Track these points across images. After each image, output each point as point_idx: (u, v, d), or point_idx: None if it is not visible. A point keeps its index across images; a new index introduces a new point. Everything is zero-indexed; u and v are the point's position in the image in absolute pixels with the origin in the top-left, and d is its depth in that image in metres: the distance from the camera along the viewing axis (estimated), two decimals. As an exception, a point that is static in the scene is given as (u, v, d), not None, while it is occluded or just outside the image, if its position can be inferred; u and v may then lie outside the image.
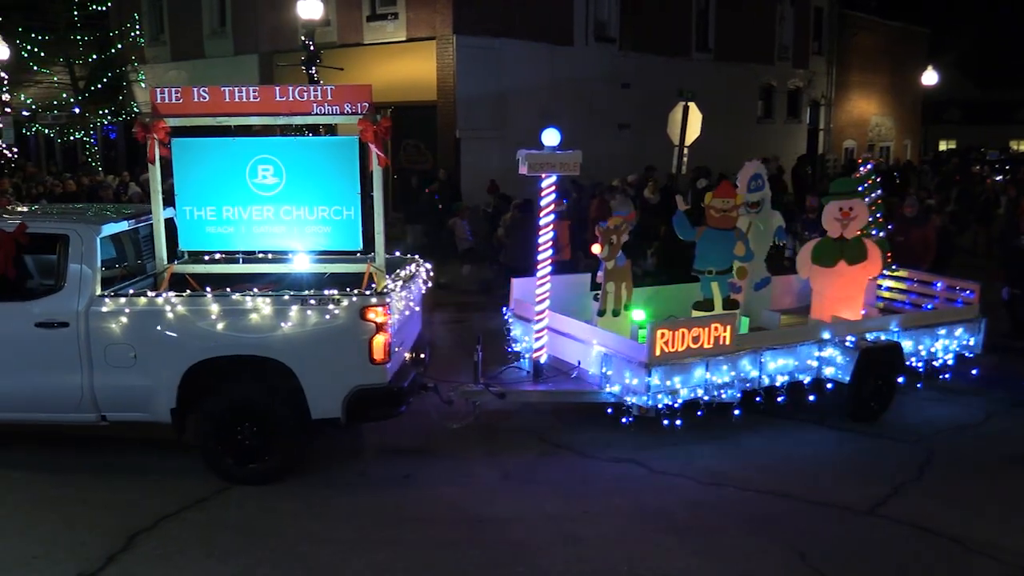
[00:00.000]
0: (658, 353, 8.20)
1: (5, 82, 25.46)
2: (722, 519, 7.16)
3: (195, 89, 7.89)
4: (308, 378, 7.41)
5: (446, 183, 19.20)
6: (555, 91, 23.26)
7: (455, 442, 8.55)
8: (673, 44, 27.27)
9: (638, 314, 9.45)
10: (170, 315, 7.40)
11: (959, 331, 10.13)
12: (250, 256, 8.64)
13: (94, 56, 27.04)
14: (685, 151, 17.50)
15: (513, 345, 9.85)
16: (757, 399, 8.88)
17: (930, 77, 34.80)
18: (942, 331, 10.01)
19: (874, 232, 11.08)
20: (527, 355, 9.38)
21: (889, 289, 11.39)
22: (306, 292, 7.60)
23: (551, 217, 8.88)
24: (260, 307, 7.35)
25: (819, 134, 36.21)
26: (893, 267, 11.43)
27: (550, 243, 8.92)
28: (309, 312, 7.34)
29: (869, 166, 11.72)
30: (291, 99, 7.85)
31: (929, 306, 10.56)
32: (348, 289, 7.67)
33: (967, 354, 10.26)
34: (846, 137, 37.86)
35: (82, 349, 7.49)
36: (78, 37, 26.47)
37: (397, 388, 7.60)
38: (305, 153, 8.01)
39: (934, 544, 6.82)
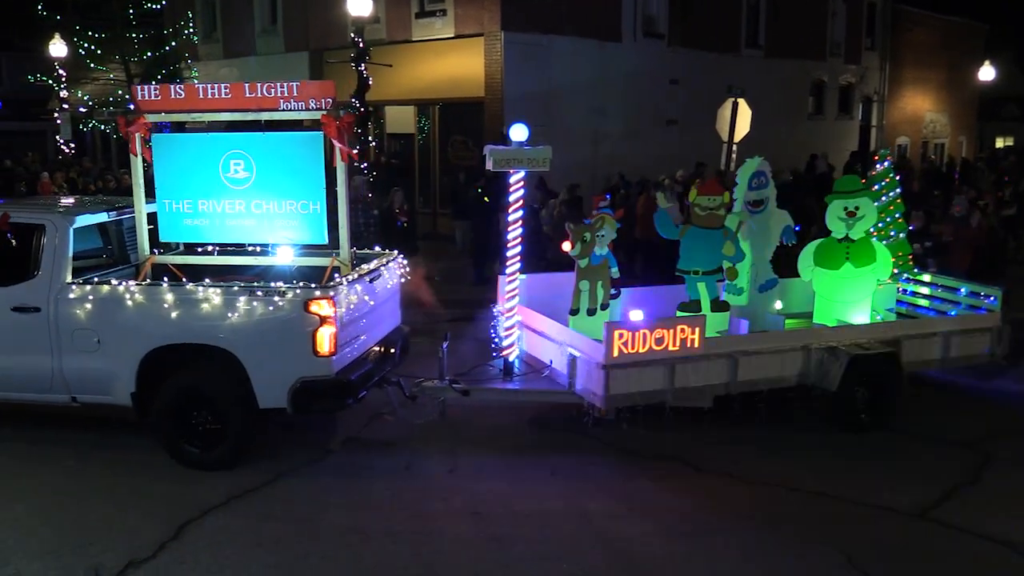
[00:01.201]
0: (616, 354, 7.93)
1: (63, 79, 26.02)
2: (769, 519, 7.09)
3: (172, 86, 8.27)
4: (255, 368, 7.56)
5: (493, 179, 19.20)
6: (603, 87, 23.16)
7: (501, 438, 8.56)
8: (723, 40, 26.99)
9: (636, 314, 9.16)
10: (129, 303, 7.68)
11: (977, 339, 9.51)
12: (240, 249, 8.93)
13: (149, 53, 27.49)
14: (734, 148, 17.33)
15: (498, 342, 9.57)
16: (733, 406, 8.58)
17: (987, 73, 33.98)
18: (955, 339, 9.41)
19: (893, 233, 10.57)
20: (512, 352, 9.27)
21: (914, 294, 10.75)
22: (255, 284, 7.75)
23: (519, 213, 8.66)
24: (211, 298, 7.54)
25: (871, 131, 35.61)
26: (916, 270, 10.87)
27: (519, 239, 8.71)
28: (255, 303, 7.47)
29: (886, 163, 11.06)
30: (260, 95, 8.05)
31: (953, 312, 9.99)
32: (294, 282, 7.83)
33: (987, 361, 9.67)
34: (899, 134, 37.17)
35: (52, 333, 7.83)
36: (133, 35, 26.94)
37: (344, 381, 7.65)
38: (273, 148, 8.18)
39: (987, 549, 6.68)
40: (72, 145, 27.29)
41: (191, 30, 28.20)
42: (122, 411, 7.95)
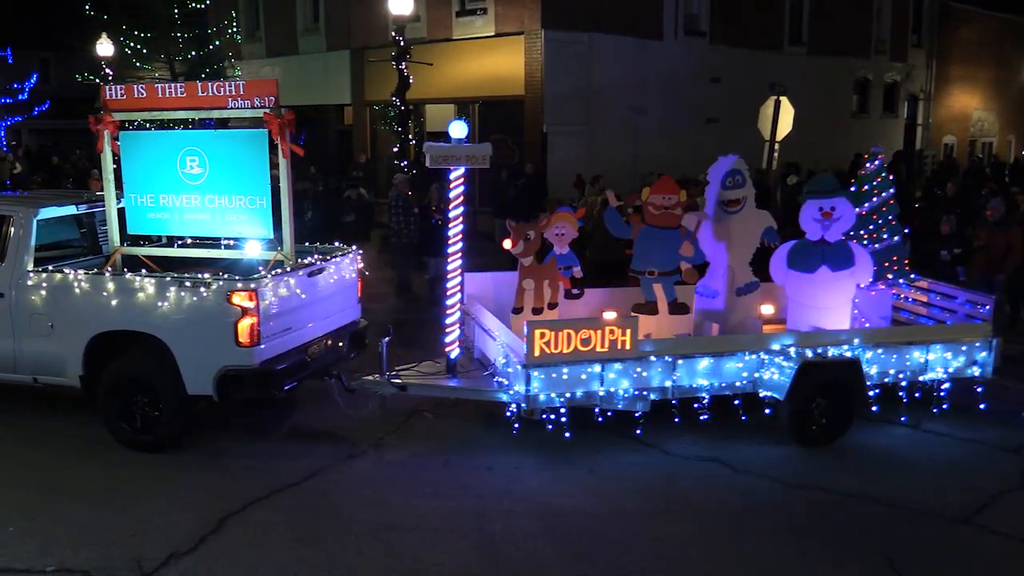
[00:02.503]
0: (537, 354, 7.73)
1: (110, 78, 26.41)
2: (808, 522, 7.01)
3: (135, 87, 8.70)
4: (183, 355, 7.84)
5: (533, 178, 19.21)
6: (643, 86, 23.05)
7: (541, 436, 8.53)
8: (765, 37, 26.73)
9: (609, 314, 8.89)
10: (76, 291, 8.07)
11: (962, 350, 8.81)
12: (217, 242, 9.29)
13: (193, 53, 27.80)
14: (776, 146, 17.18)
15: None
16: (673, 411, 8.37)
17: (1038, 70, 33.37)
18: (937, 349, 8.72)
19: (886, 236, 10.03)
20: (471, 348, 9.18)
21: (914, 302, 10.06)
22: (185, 275, 8.00)
23: (460, 210, 8.48)
24: (145, 288, 7.85)
25: (917, 129, 35.07)
26: (913, 277, 10.23)
27: (460, 235, 8.52)
28: (183, 294, 7.73)
29: (877, 162, 10.32)
30: (211, 94, 8.37)
31: (951, 322, 9.37)
32: (220, 273, 8.14)
33: (977, 375, 8.95)
34: (946, 132, 36.58)
35: (13, 317, 8.26)
36: (178, 35, 27.26)
37: (266, 371, 7.81)
38: (223, 145, 8.43)
39: (1034, 556, 6.55)
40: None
41: (234, 29, 28.48)
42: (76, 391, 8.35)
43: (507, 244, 9.02)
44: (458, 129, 8.24)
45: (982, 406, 8.98)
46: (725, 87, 24.85)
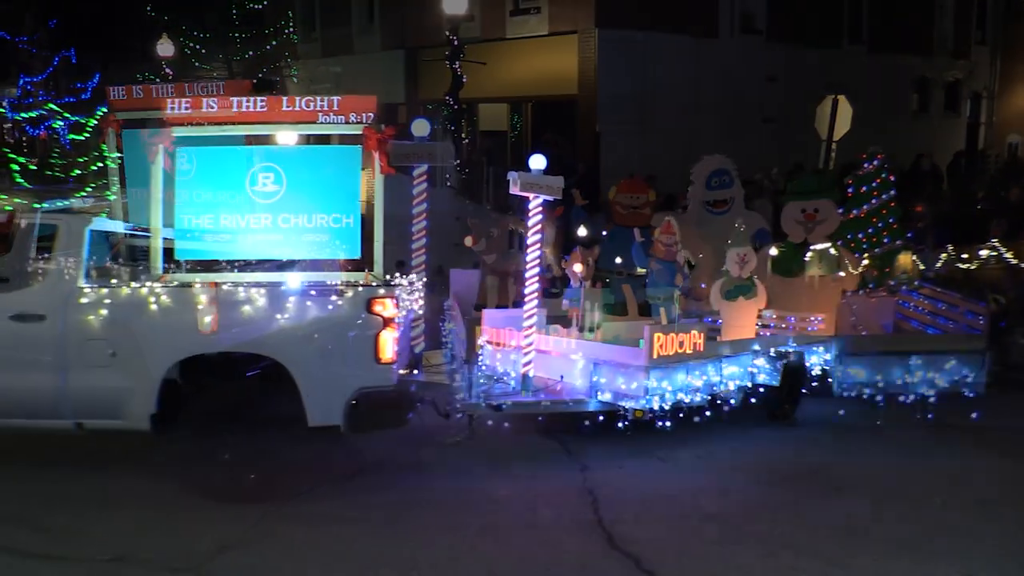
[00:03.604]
0: (478, 350, 7.67)
1: (170, 78, 26.96)
2: (869, 529, 6.83)
3: (134, 87, 8.98)
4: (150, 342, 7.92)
5: (585, 178, 19.15)
6: (698, 85, 22.85)
7: (577, 439, 8.48)
8: (823, 35, 26.34)
9: (595, 316, 8.67)
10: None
11: (950, 363, 8.40)
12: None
13: (250, 53, 28.25)
14: (833, 147, 16.90)
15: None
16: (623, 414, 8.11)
17: (1107, 67, 32.43)
18: (920, 361, 8.35)
19: (886, 240, 9.69)
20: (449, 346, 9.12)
21: (921, 310, 9.53)
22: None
23: (424, 207, 8.38)
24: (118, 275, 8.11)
25: (980, 129, 34.28)
26: (916, 283, 9.73)
27: (424, 231, 8.38)
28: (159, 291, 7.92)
29: (876, 162, 9.91)
30: (195, 95, 8.75)
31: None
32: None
33: (966, 392, 8.56)
34: (1010, 131, 35.68)
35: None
36: (235, 35, 27.72)
37: (227, 357, 7.95)
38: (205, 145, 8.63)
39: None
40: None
41: (291, 29, 28.88)
42: None
43: (468, 241, 8.92)
44: (421, 127, 8.25)
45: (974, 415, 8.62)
46: (782, 86, 24.55)
